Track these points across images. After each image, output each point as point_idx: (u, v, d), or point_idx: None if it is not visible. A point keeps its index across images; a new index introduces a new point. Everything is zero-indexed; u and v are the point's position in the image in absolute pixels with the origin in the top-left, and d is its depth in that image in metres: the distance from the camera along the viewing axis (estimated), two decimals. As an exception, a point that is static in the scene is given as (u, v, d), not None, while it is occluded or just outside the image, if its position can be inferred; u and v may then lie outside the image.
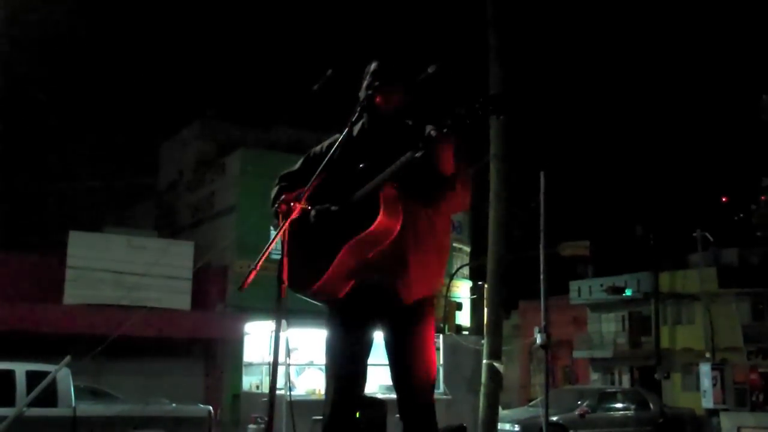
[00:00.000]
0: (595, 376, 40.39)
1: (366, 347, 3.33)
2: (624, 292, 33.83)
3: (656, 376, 31.59)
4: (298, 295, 3.30)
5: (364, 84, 3.36)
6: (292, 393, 10.75)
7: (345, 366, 3.29)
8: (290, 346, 3.50)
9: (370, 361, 3.35)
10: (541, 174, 13.14)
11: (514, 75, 12.23)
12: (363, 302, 3.25)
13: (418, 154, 2.98)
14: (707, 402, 24.82)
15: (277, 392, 3.09)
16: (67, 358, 10.50)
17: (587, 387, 29.09)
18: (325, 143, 3.48)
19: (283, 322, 3.09)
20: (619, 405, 19.15)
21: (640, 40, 64.13)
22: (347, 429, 3.29)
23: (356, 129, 3.40)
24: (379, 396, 10.78)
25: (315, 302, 3.35)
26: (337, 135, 3.35)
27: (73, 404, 10.42)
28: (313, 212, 3.24)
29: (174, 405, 12.30)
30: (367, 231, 3.04)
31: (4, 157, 24.05)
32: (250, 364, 14.83)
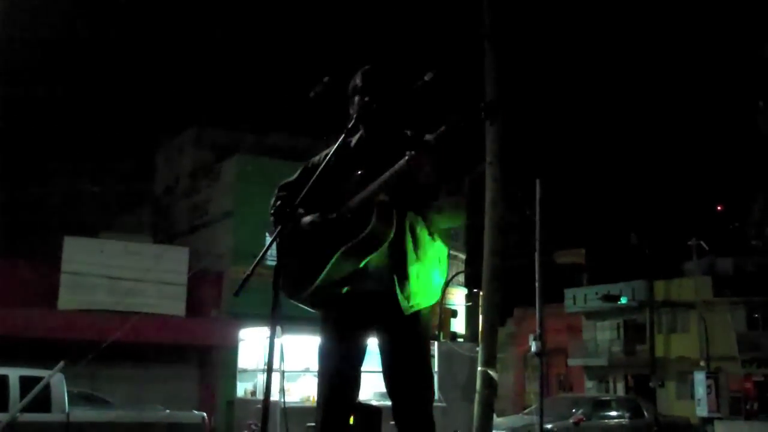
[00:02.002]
0: (589, 384, 40.41)
1: (360, 354, 3.32)
2: (619, 301, 33.87)
3: (651, 384, 31.59)
4: (292, 301, 3.30)
5: (356, 98, 3.34)
6: (286, 400, 10.73)
7: (338, 372, 3.29)
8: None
9: (364, 368, 3.34)
10: (537, 182, 13.18)
11: (509, 83, 12.26)
12: (359, 310, 3.24)
13: (404, 163, 2.98)
14: (702, 410, 24.89)
15: (272, 399, 3.08)
16: (61, 364, 10.47)
17: (582, 395, 29.16)
18: (323, 154, 3.47)
19: (278, 328, 3.09)
20: (613, 413, 19.14)
21: (636, 48, 64.39)
22: (339, 430, 3.29)
23: (354, 139, 3.39)
24: (374, 403, 10.76)
25: (307, 308, 3.35)
26: (335, 146, 3.35)
27: (67, 410, 10.39)
28: (309, 219, 3.24)
29: (168, 411, 12.29)
30: (360, 237, 3.04)
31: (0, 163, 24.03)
32: (245, 371, 14.80)
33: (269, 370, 3.08)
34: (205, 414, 12.31)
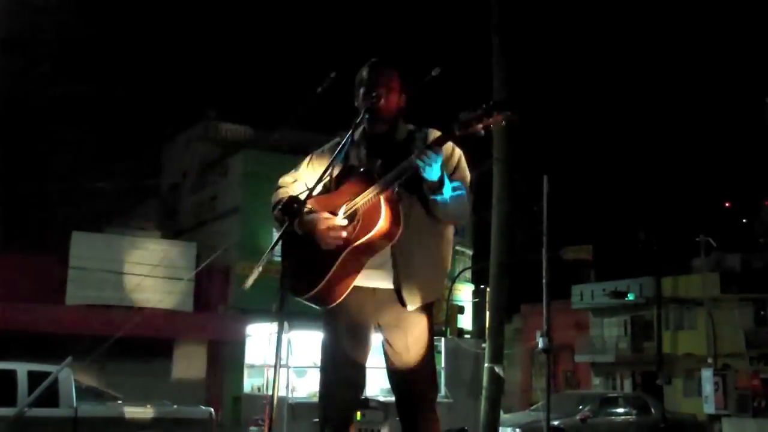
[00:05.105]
0: (596, 380, 40.35)
1: (363, 349, 3.30)
2: (626, 297, 33.75)
3: (658, 381, 31.43)
4: (297, 299, 3.26)
5: (361, 91, 3.28)
6: (293, 395, 10.75)
7: (341, 367, 3.27)
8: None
9: (372, 364, 3.32)
10: (544, 178, 13.09)
11: (517, 79, 12.24)
12: (362, 305, 3.22)
13: (411, 160, 2.95)
14: (709, 408, 24.75)
15: (279, 394, 3.08)
16: (69, 359, 10.49)
17: (589, 391, 29.10)
18: (326, 146, 3.43)
19: (285, 324, 3.08)
20: (620, 410, 19.10)
21: (644, 44, 64.16)
22: (343, 425, 3.28)
23: (357, 133, 3.33)
24: (381, 399, 10.77)
25: (314, 306, 3.32)
26: (338, 138, 3.32)
27: (75, 405, 10.41)
28: (315, 216, 3.18)
29: (175, 406, 12.30)
30: (369, 237, 3.02)
31: (7, 157, 24.09)
32: (252, 366, 14.81)
33: (277, 365, 3.08)
34: (212, 409, 12.33)
